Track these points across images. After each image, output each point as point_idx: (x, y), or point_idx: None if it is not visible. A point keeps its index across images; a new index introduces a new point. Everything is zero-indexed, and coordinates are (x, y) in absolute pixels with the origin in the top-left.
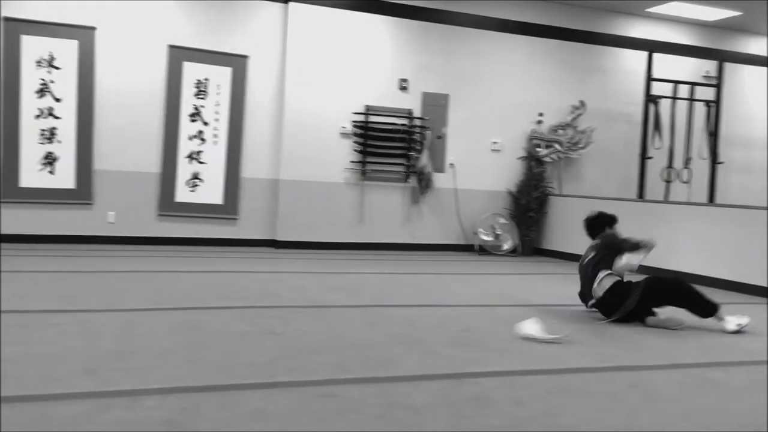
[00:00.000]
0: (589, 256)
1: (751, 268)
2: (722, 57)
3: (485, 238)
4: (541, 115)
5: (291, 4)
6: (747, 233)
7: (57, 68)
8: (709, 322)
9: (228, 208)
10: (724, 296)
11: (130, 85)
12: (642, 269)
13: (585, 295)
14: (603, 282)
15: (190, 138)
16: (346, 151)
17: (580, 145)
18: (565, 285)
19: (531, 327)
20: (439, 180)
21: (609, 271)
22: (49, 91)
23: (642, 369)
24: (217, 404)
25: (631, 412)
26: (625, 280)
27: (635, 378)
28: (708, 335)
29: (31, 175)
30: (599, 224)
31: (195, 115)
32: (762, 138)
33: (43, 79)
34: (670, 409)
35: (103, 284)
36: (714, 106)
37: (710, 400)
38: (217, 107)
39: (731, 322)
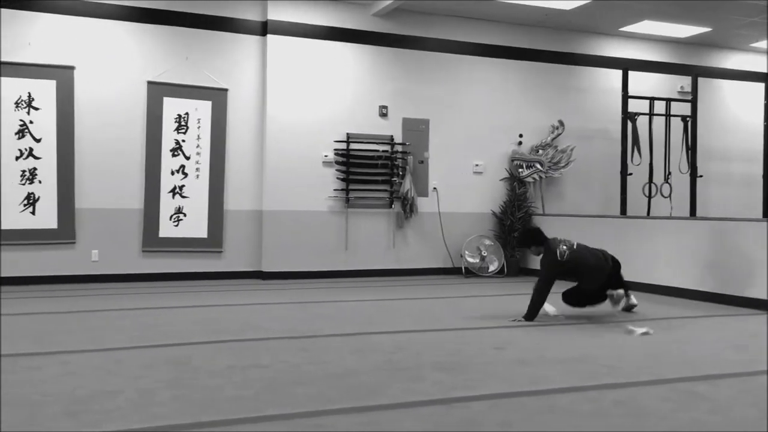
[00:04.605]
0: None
1: (732, 280)
2: (696, 72)
3: (471, 260)
4: (521, 136)
5: (269, 36)
6: (728, 245)
7: (36, 109)
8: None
9: (212, 242)
10: (708, 309)
11: (110, 122)
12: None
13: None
14: None
15: (173, 173)
16: (329, 180)
17: (561, 165)
18: (551, 303)
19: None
20: (423, 204)
21: None
22: (28, 132)
23: (627, 386)
24: None
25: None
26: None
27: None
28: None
29: (12, 216)
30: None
31: (176, 150)
32: (738, 150)
33: (22, 121)
34: (656, 425)
35: (86, 324)
36: (690, 121)
37: (697, 414)
38: (198, 141)
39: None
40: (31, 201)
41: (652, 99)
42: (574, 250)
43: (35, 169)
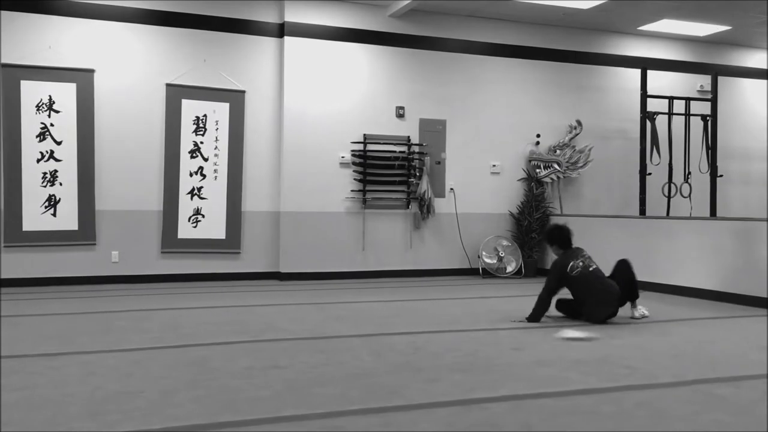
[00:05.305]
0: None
1: (753, 280)
2: (716, 71)
3: (489, 261)
4: (538, 136)
5: (286, 38)
6: (748, 245)
7: (57, 111)
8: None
9: (230, 243)
10: (729, 310)
11: (129, 125)
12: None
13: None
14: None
15: (191, 174)
16: (346, 181)
17: (579, 164)
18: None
19: (571, 332)
20: (440, 205)
21: None
22: (49, 135)
23: (649, 387)
24: None
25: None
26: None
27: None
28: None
29: (33, 218)
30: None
31: (195, 152)
32: (759, 149)
33: (43, 123)
34: (678, 427)
35: (106, 325)
36: (710, 120)
37: (720, 416)
38: (216, 142)
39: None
40: (52, 203)
41: (671, 98)
42: (588, 273)
43: (56, 171)
